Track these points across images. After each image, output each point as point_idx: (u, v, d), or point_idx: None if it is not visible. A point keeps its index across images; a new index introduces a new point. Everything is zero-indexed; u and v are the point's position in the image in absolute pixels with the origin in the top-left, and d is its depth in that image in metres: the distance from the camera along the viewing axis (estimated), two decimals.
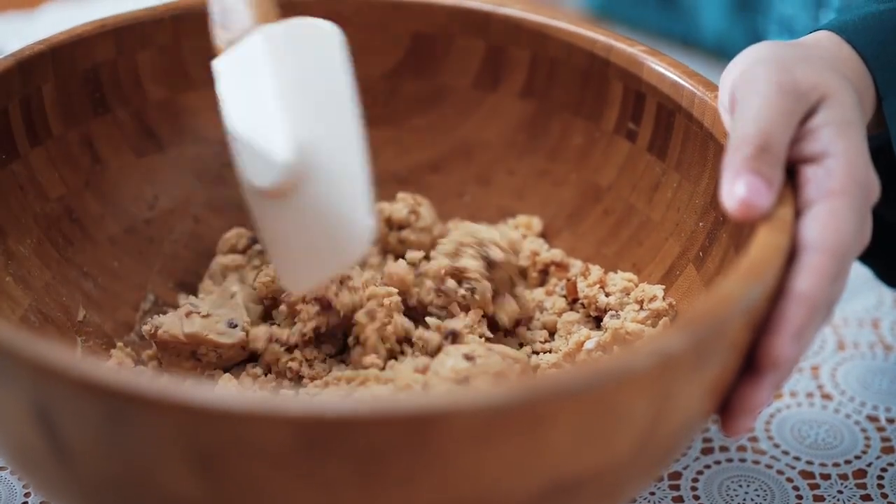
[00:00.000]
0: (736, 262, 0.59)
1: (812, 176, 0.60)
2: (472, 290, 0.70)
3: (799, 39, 0.68)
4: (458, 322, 0.70)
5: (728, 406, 0.59)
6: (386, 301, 0.71)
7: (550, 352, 0.73)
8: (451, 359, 0.63)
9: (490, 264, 0.71)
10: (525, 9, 0.81)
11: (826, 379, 0.81)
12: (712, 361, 0.55)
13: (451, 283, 0.71)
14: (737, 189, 0.59)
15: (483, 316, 0.71)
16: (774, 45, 0.64)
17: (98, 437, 0.51)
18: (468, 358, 0.63)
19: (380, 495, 0.50)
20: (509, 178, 0.84)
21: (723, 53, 1.17)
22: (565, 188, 0.81)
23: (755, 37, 1.13)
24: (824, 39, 0.67)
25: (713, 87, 0.71)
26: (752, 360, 0.58)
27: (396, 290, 0.72)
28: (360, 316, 0.70)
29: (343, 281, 0.71)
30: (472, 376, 0.62)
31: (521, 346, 0.74)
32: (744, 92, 0.62)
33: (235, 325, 0.71)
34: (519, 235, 0.79)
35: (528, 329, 0.75)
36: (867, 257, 0.80)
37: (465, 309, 0.71)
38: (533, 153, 0.83)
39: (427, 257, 0.75)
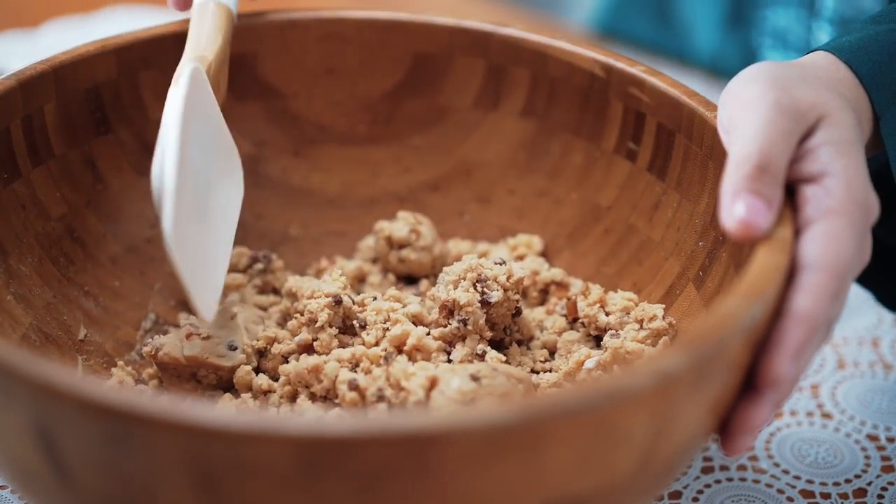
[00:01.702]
0: (736, 281, 0.59)
1: (811, 195, 0.61)
2: (465, 322, 0.70)
3: (796, 60, 0.68)
4: (455, 353, 0.70)
5: (728, 425, 0.59)
6: (392, 315, 0.71)
7: (551, 371, 0.73)
8: (458, 378, 0.63)
9: (488, 303, 0.71)
10: (525, 28, 0.81)
11: (826, 398, 0.81)
12: (712, 381, 0.55)
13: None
14: (736, 209, 0.59)
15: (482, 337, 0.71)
16: (772, 65, 0.65)
17: (99, 457, 0.52)
18: (474, 378, 0.63)
19: None
20: (509, 198, 0.84)
21: (718, 70, 1.18)
22: (565, 208, 0.82)
23: (749, 51, 1.14)
24: (821, 59, 0.67)
25: (713, 107, 0.71)
26: (751, 380, 0.58)
27: (400, 305, 0.72)
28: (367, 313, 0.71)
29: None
30: (477, 397, 0.62)
31: (519, 343, 0.74)
32: (742, 111, 0.62)
33: (235, 348, 0.71)
34: (526, 271, 0.78)
35: (529, 348, 0.75)
36: (867, 281, 0.80)
37: (462, 339, 0.71)
38: (533, 172, 0.83)
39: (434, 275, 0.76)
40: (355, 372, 0.68)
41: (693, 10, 1.19)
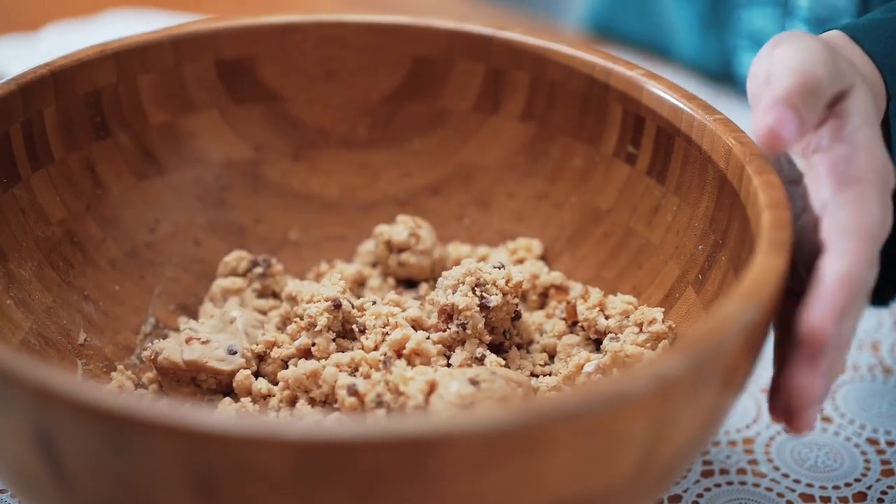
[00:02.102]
0: (735, 284, 0.59)
1: (835, 163, 0.61)
2: (464, 326, 0.70)
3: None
4: (455, 357, 0.70)
5: (789, 405, 0.59)
6: (391, 320, 0.71)
7: (550, 374, 0.73)
8: (457, 382, 0.63)
9: (487, 307, 0.71)
10: (525, 32, 0.81)
11: (826, 402, 0.81)
12: (711, 384, 0.55)
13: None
14: (768, 117, 0.60)
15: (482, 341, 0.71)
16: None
17: (98, 461, 0.52)
18: (473, 382, 0.63)
19: None
20: (509, 201, 0.84)
21: (699, 70, 1.18)
22: (565, 211, 0.82)
23: (726, 53, 1.14)
24: (837, 38, 0.68)
25: (712, 111, 0.71)
26: (801, 352, 0.58)
27: (400, 309, 0.72)
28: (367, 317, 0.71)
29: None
30: (476, 401, 0.62)
31: (518, 346, 0.74)
32: (787, 49, 0.63)
33: (235, 352, 0.71)
34: (525, 275, 0.78)
35: (528, 352, 0.75)
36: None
37: (461, 343, 0.71)
38: (533, 176, 0.83)
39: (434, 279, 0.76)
40: (354, 376, 0.68)
41: (674, 12, 1.19)
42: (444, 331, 0.71)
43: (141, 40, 0.79)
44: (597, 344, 0.74)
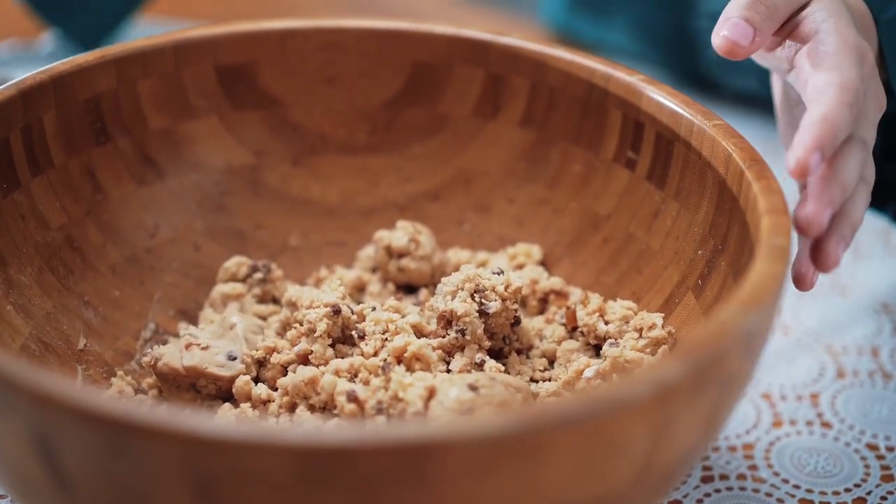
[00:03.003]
0: (734, 290, 0.59)
1: (807, 53, 0.67)
2: (463, 332, 0.70)
3: None
4: (454, 363, 0.70)
5: (800, 230, 0.63)
6: (391, 326, 0.71)
7: (550, 380, 0.73)
8: (456, 388, 0.63)
9: (486, 313, 0.71)
10: (524, 38, 0.81)
11: (826, 407, 0.81)
12: (710, 390, 0.55)
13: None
14: (725, 28, 0.68)
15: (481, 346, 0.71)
16: None
17: (98, 466, 0.52)
18: (472, 388, 0.63)
19: None
20: (509, 207, 0.84)
21: (725, 83, 1.18)
22: (565, 216, 0.82)
23: (688, 35, 1.14)
24: None
25: (712, 116, 0.71)
26: (802, 194, 0.63)
27: (399, 315, 0.72)
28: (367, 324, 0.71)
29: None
30: (475, 407, 0.62)
31: (518, 352, 0.74)
32: None
33: (235, 358, 0.71)
34: (524, 280, 0.78)
35: (528, 357, 0.75)
36: (881, 203, 0.83)
37: (460, 348, 0.71)
38: (532, 181, 0.83)
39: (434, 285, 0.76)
40: (354, 382, 0.68)
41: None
42: (444, 336, 0.71)
43: (141, 46, 0.79)
44: (596, 349, 0.74)
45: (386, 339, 0.70)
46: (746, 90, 1.13)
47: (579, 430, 0.50)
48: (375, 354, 0.70)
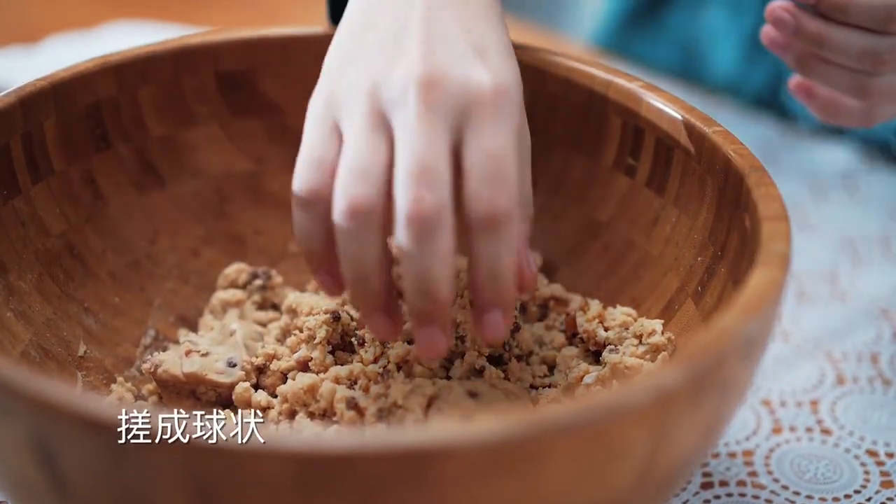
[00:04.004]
0: (734, 296, 0.59)
1: None
2: (463, 338, 0.70)
3: None
4: (454, 370, 0.70)
5: None
6: None
7: (550, 386, 0.73)
8: (455, 396, 0.63)
9: None
10: (524, 44, 0.81)
11: (825, 413, 0.81)
12: (710, 396, 0.55)
13: None
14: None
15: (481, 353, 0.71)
16: None
17: (98, 472, 0.52)
18: (472, 395, 0.63)
19: None
20: None
21: (737, 93, 1.18)
22: (564, 223, 0.82)
23: (777, 74, 1.13)
24: None
25: (712, 123, 0.71)
26: None
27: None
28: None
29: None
30: (475, 414, 0.62)
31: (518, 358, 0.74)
32: None
33: (235, 364, 0.71)
34: None
35: (528, 364, 0.75)
36: None
37: (460, 355, 0.71)
38: (532, 188, 0.83)
39: None
40: (353, 389, 0.68)
41: (713, 32, 1.18)
42: None
43: (141, 53, 0.79)
44: (596, 356, 0.74)
45: (385, 345, 0.70)
46: (794, 111, 1.14)
47: (579, 436, 0.50)
48: (375, 361, 0.70)
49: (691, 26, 1.20)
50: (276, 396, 0.71)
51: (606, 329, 0.73)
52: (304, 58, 0.83)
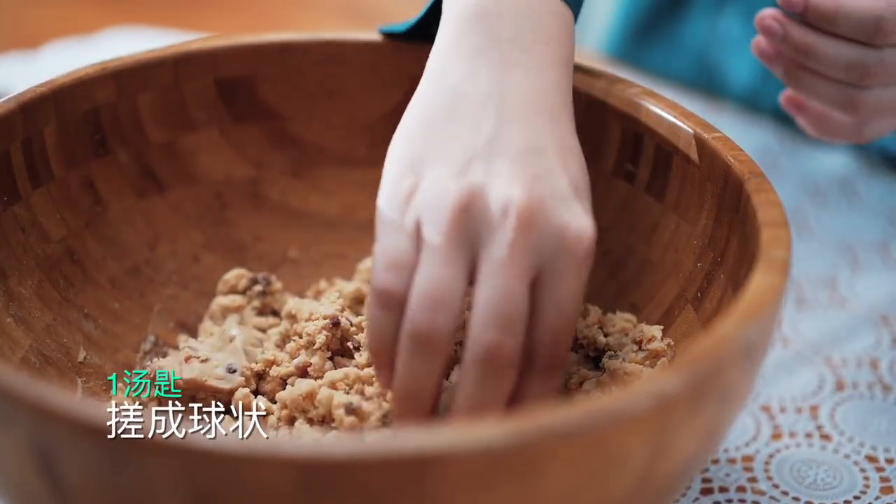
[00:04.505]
0: (733, 302, 0.59)
1: None
2: (461, 343, 0.70)
3: None
4: (454, 376, 0.70)
5: None
6: None
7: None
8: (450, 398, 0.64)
9: None
10: None
11: (825, 419, 0.81)
12: (710, 402, 0.55)
13: None
14: None
15: None
16: None
17: (98, 478, 0.52)
18: None
19: None
20: None
21: (753, 106, 1.17)
22: None
23: None
24: None
25: (711, 129, 0.71)
26: None
27: None
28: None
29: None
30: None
31: None
32: None
33: (234, 370, 0.71)
34: None
35: None
36: None
37: (459, 360, 0.71)
38: None
39: None
40: (350, 394, 0.68)
41: (726, 43, 1.18)
42: None
43: (141, 59, 0.79)
44: (596, 361, 0.74)
45: None
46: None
47: (579, 442, 0.51)
48: (370, 365, 0.70)
49: (706, 35, 1.20)
50: (275, 402, 0.71)
51: (606, 334, 0.73)
52: (304, 63, 0.83)
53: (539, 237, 0.60)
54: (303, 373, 0.71)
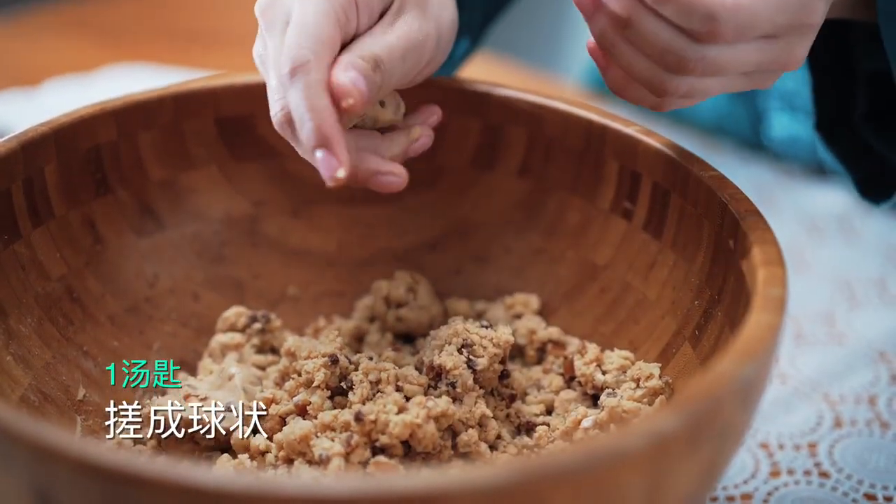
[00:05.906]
0: (731, 340, 0.59)
1: None
2: (454, 385, 0.70)
3: None
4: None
5: None
6: (383, 375, 0.71)
7: (547, 426, 0.73)
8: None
9: (474, 369, 0.71)
10: (521, 88, 0.82)
11: (823, 457, 0.81)
12: (708, 440, 0.55)
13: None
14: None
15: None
16: None
17: None
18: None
19: None
20: (506, 256, 0.84)
21: (722, 133, 1.18)
22: (562, 266, 0.82)
23: (756, 115, 1.14)
24: None
25: (708, 167, 0.72)
26: None
27: (393, 365, 0.72)
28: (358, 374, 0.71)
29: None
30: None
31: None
32: None
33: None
34: (509, 336, 0.74)
35: (524, 403, 0.75)
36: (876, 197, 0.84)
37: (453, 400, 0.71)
38: (530, 231, 0.83)
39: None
40: (341, 433, 0.68)
41: None
42: (435, 387, 0.71)
43: (141, 98, 0.80)
44: (594, 399, 0.74)
45: (380, 389, 0.70)
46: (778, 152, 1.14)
47: (577, 481, 0.51)
48: (363, 402, 0.70)
49: None
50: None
51: (604, 372, 0.73)
52: None
53: None
54: (302, 411, 0.71)
